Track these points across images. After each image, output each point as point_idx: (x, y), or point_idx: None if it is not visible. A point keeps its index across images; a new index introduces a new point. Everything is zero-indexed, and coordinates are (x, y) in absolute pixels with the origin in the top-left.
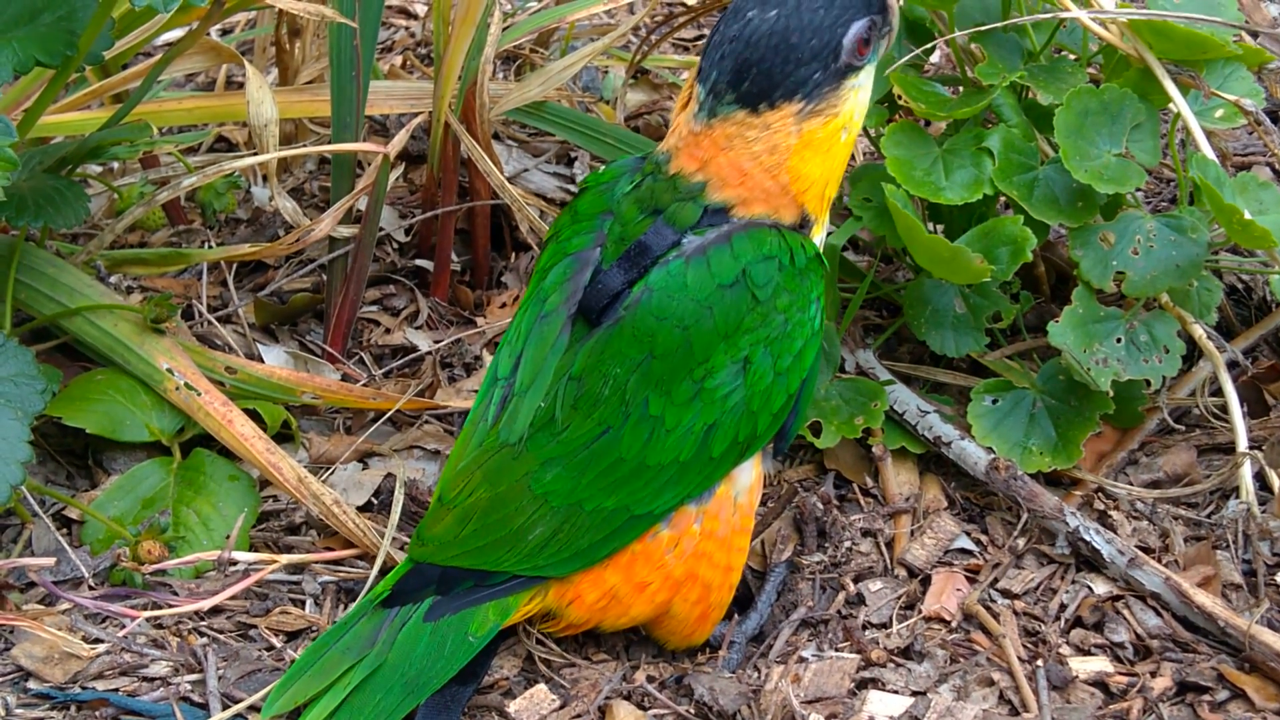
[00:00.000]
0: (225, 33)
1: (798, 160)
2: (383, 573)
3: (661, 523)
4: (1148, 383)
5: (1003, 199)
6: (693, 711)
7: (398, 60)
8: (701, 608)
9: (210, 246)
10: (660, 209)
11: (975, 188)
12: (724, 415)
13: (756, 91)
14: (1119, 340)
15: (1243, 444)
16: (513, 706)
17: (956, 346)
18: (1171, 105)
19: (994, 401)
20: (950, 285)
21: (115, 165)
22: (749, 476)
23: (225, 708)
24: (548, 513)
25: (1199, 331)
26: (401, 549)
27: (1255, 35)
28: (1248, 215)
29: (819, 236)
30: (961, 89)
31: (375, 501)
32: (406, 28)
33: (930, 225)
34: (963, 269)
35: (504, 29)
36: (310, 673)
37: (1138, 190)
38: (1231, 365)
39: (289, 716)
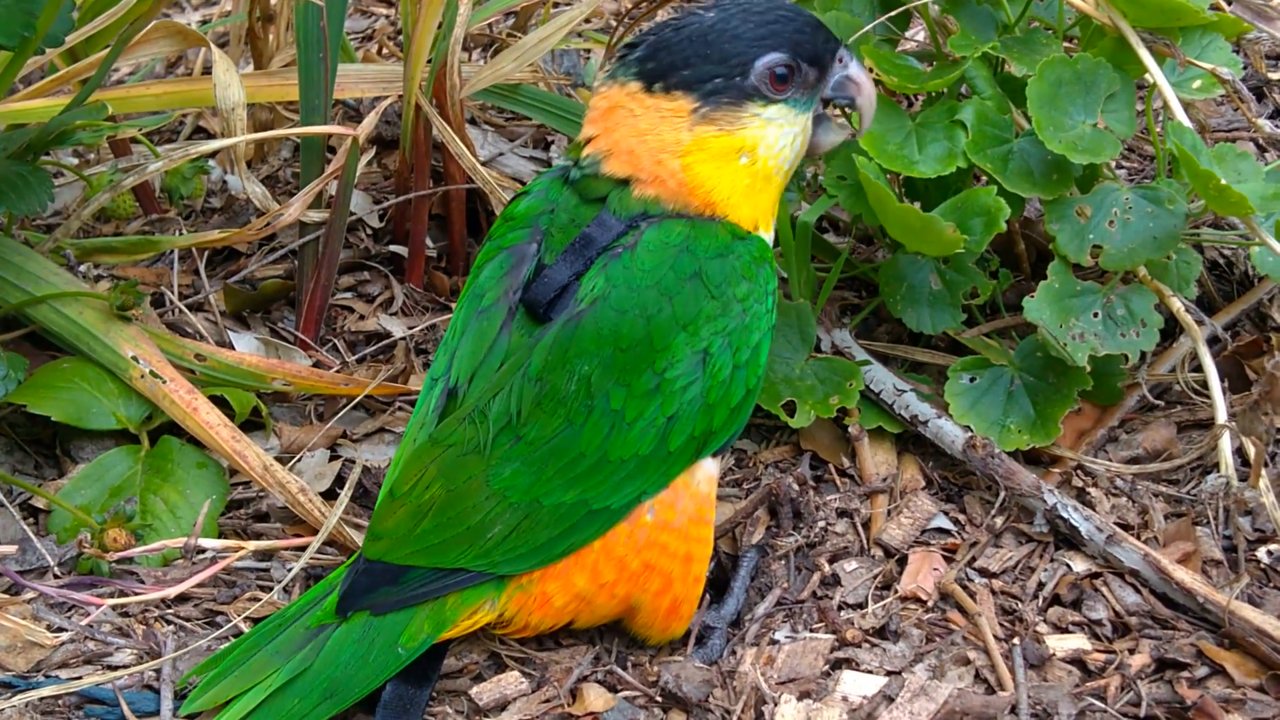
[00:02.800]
0: (204, 22)
1: (692, 161)
2: (336, 551)
3: (618, 518)
4: (1126, 358)
5: (982, 176)
6: (662, 696)
7: (375, 49)
8: (668, 600)
9: (182, 234)
10: (602, 196)
11: (948, 161)
12: (683, 408)
13: (657, 70)
14: (1096, 315)
15: (1222, 419)
16: (480, 690)
17: (933, 323)
18: (1148, 75)
19: (972, 380)
20: (926, 261)
21: (91, 156)
22: (710, 465)
23: (177, 694)
24: (507, 509)
25: (1177, 305)
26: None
27: (1229, 1)
28: (1224, 181)
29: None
30: (936, 62)
31: (340, 491)
32: (387, 15)
33: (906, 201)
34: (935, 239)
35: (474, 8)
36: (236, 674)
37: (1119, 166)
38: (1212, 340)
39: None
